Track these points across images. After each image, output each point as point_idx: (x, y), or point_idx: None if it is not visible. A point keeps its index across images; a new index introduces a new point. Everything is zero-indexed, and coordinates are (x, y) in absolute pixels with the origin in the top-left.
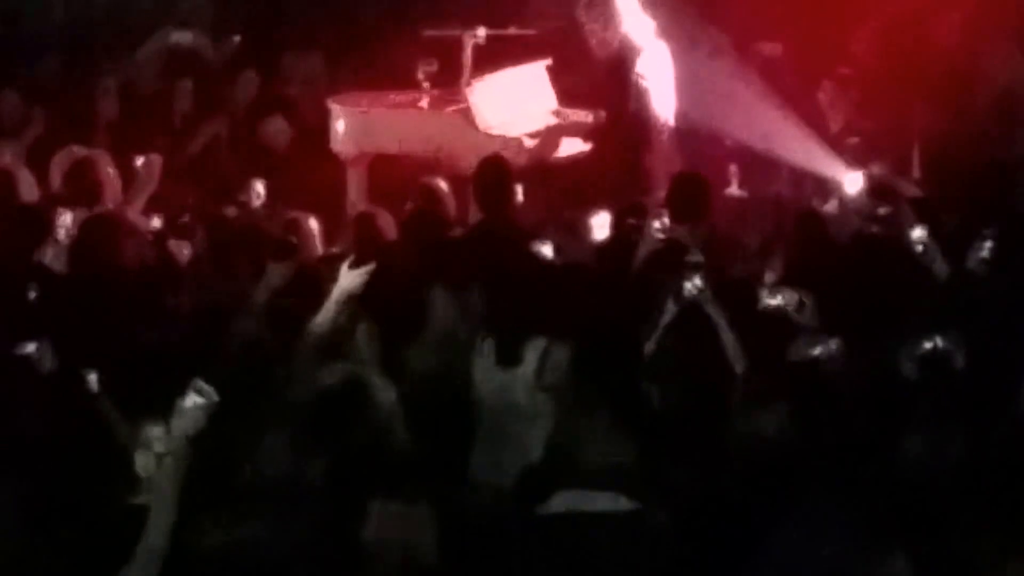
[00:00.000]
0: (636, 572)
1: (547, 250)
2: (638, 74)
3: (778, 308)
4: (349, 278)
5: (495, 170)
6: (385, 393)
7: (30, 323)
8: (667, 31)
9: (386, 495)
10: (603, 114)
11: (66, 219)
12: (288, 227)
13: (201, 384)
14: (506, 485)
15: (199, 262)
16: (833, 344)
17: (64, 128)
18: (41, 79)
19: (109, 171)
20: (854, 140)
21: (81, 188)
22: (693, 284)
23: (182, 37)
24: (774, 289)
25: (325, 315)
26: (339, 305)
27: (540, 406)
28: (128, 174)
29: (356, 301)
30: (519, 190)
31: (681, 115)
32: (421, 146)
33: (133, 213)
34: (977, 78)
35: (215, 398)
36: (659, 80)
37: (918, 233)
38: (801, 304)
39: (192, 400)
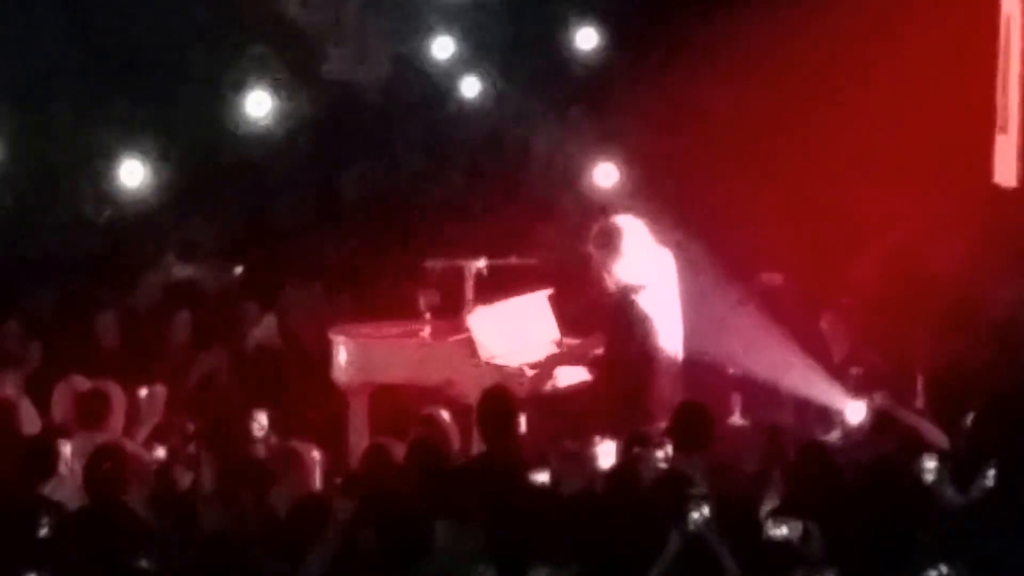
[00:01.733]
0: None
1: (548, 479)
2: (642, 304)
3: (782, 538)
4: None
5: (498, 401)
6: None
7: (34, 555)
8: (672, 262)
9: None
10: (605, 343)
11: (66, 451)
12: (290, 458)
13: None
14: None
15: (204, 491)
16: (831, 574)
17: (64, 359)
18: (40, 311)
19: (120, 401)
20: (857, 370)
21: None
22: (697, 515)
23: (182, 270)
24: (778, 519)
25: None
26: None
27: None
28: (130, 405)
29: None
30: (522, 420)
31: (684, 345)
32: (423, 377)
33: (134, 444)
34: (980, 306)
35: None
36: (663, 310)
37: (928, 463)
38: (806, 534)
39: None
